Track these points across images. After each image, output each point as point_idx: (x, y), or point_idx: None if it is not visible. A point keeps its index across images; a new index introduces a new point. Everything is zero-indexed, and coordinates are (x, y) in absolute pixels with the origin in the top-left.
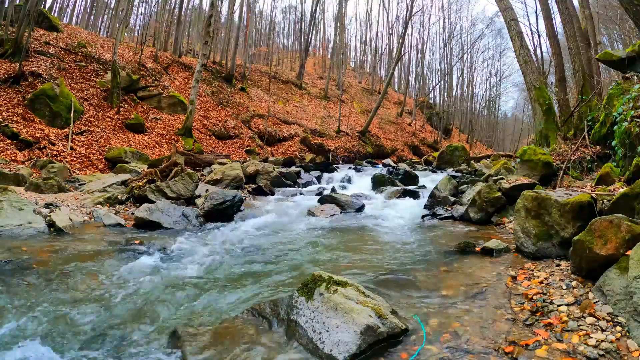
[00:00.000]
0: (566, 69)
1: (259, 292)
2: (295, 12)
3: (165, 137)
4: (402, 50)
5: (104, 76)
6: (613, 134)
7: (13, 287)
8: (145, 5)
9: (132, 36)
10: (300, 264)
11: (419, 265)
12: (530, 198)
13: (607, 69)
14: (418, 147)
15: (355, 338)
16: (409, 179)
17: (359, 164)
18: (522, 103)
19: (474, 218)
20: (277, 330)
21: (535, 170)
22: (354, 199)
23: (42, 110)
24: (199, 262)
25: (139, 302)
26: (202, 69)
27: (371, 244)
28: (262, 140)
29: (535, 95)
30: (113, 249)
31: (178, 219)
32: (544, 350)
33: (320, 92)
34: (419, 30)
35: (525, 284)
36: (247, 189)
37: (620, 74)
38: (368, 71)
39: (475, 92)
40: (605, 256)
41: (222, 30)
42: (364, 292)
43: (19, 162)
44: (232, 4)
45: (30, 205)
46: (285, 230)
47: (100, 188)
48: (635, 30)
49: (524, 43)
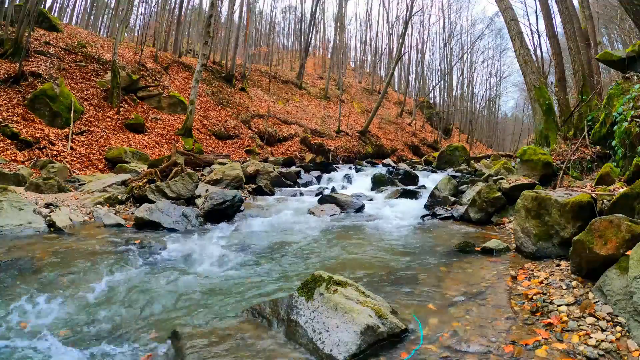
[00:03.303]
0: (566, 69)
1: (258, 292)
2: (295, 12)
3: (165, 137)
4: (402, 50)
5: (104, 76)
6: (613, 134)
7: (13, 287)
8: (145, 5)
9: (132, 36)
10: (300, 263)
11: (419, 265)
12: (530, 198)
13: (607, 69)
14: (418, 147)
15: (355, 338)
16: (409, 179)
17: (359, 164)
18: (522, 103)
19: (474, 218)
20: (277, 330)
21: (535, 170)
22: (354, 199)
23: (42, 110)
24: (198, 262)
25: (139, 302)
26: (202, 69)
27: (371, 244)
28: (262, 140)
29: (535, 95)
30: (113, 249)
31: (178, 219)
32: (543, 350)
33: (320, 92)
34: (419, 30)
35: (525, 284)
36: (247, 189)
37: (620, 74)
38: (368, 71)
39: (475, 92)
40: (605, 256)
41: (222, 30)
42: (364, 292)
43: (19, 162)
44: (232, 4)
45: (30, 205)
46: (285, 230)
47: (100, 188)
48: (635, 30)
49: (524, 43)
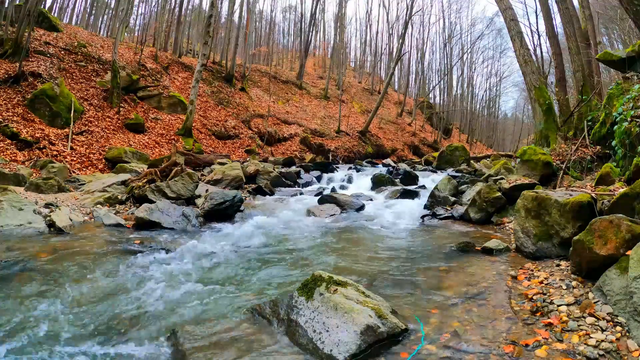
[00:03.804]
0: (566, 69)
1: (258, 292)
2: (295, 12)
3: (165, 137)
4: (402, 50)
5: (104, 76)
6: (613, 134)
7: (13, 286)
8: (145, 5)
9: (132, 36)
10: (300, 263)
11: (419, 265)
12: (530, 198)
13: (607, 69)
14: (418, 147)
15: (355, 338)
16: (409, 179)
17: (359, 164)
18: (522, 103)
19: (474, 218)
20: (277, 330)
21: (535, 170)
22: (354, 199)
23: (42, 110)
24: (198, 262)
25: (139, 301)
26: (202, 69)
27: (371, 244)
28: (262, 140)
29: (535, 95)
30: (113, 249)
31: (178, 219)
32: (544, 350)
33: (320, 92)
34: (419, 30)
35: (525, 284)
36: (247, 189)
37: (620, 74)
38: (368, 71)
39: (475, 92)
40: (605, 256)
41: (222, 30)
42: (364, 292)
43: (19, 162)
44: (232, 4)
45: (30, 205)
46: (285, 230)
47: (100, 188)
48: (635, 30)
49: (524, 43)
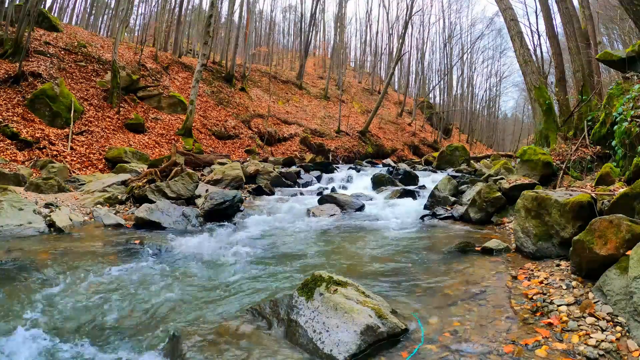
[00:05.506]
0: (566, 69)
1: (258, 291)
2: (295, 12)
3: (165, 137)
4: (402, 50)
5: (104, 76)
6: (613, 134)
7: (13, 286)
8: (145, 5)
9: (132, 36)
10: (300, 263)
11: (419, 265)
12: (530, 198)
13: (607, 69)
14: (418, 147)
15: (355, 338)
16: (409, 179)
17: (359, 164)
18: (522, 103)
19: (474, 218)
20: (277, 330)
21: (535, 170)
22: (354, 199)
23: (42, 110)
24: (198, 262)
25: (138, 301)
26: (202, 69)
27: (371, 244)
28: (262, 140)
29: (535, 95)
30: (113, 249)
31: (178, 219)
32: (544, 350)
33: (320, 92)
34: (419, 30)
35: (525, 284)
36: (247, 189)
37: (620, 74)
38: (368, 71)
39: (475, 92)
40: (605, 256)
41: (222, 30)
42: (364, 292)
43: (19, 162)
44: (232, 4)
45: (30, 205)
46: (285, 230)
47: (100, 188)
48: (635, 30)
49: (524, 43)
